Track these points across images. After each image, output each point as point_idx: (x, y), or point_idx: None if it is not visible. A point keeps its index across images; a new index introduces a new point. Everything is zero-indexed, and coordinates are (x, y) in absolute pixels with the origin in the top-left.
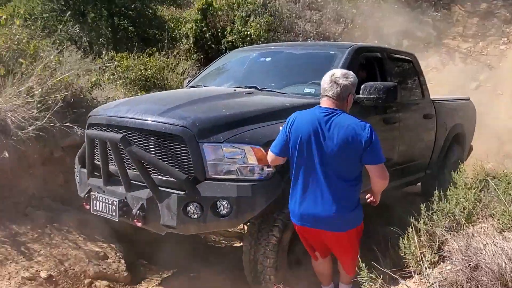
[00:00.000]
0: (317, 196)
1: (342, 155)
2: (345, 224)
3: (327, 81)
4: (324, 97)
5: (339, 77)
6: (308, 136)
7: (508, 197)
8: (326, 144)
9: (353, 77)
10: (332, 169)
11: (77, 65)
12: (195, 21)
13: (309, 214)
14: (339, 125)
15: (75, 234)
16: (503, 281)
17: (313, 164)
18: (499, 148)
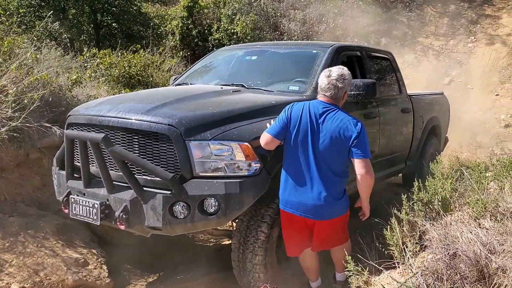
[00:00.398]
0: (308, 185)
1: (333, 147)
2: (332, 213)
3: (325, 82)
4: (321, 94)
5: (336, 79)
6: (305, 127)
7: (481, 186)
8: (320, 136)
9: (348, 77)
10: (323, 160)
11: (57, 63)
12: (181, 18)
13: (299, 202)
14: (333, 119)
15: (52, 241)
16: (479, 268)
17: (307, 154)
18: (472, 139)
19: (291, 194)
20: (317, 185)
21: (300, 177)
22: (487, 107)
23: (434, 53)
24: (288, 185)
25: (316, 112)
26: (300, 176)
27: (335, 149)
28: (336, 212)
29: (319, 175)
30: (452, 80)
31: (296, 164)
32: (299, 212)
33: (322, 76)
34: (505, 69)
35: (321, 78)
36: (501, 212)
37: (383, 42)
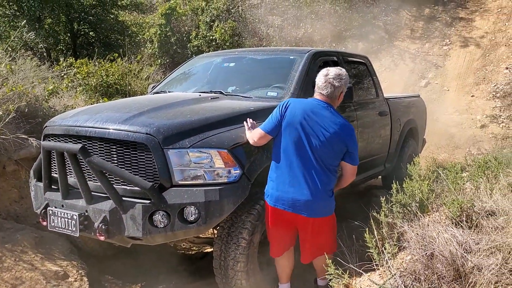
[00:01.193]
0: (302, 181)
1: (329, 146)
2: (322, 210)
3: (322, 80)
4: (318, 93)
5: (333, 78)
6: (301, 124)
7: (457, 187)
8: (317, 133)
9: (345, 77)
10: (319, 156)
11: (33, 73)
12: (159, 26)
13: (292, 198)
14: (331, 119)
15: (31, 254)
16: (455, 267)
17: (302, 150)
18: (449, 140)
19: (283, 191)
20: (312, 181)
21: (294, 174)
22: (463, 108)
23: (411, 56)
24: (280, 182)
25: (313, 109)
26: (294, 173)
27: (331, 148)
28: (328, 210)
29: (314, 171)
30: (428, 82)
31: (290, 160)
32: (292, 209)
33: (320, 75)
34: (480, 70)
35: (319, 77)
36: (476, 211)
37: (360, 47)
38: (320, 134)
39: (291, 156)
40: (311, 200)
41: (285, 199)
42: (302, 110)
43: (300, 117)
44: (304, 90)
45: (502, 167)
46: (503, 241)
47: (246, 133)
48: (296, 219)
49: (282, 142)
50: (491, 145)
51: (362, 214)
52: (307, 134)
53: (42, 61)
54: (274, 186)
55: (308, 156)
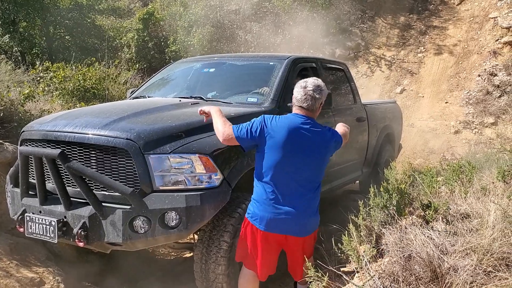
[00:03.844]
0: (293, 201)
1: (318, 162)
2: (313, 227)
3: (301, 93)
4: (297, 107)
5: (313, 90)
6: (289, 142)
7: (433, 190)
8: (307, 152)
9: (324, 88)
10: (308, 175)
11: (8, 77)
12: (136, 31)
13: (282, 219)
14: (317, 132)
15: (6, 261)
16: (432, 268)
17: (291, 169)
18: (424, 145)
19: (275, 213)
20: (303, 200)
21: (285, 194)
22: (438, 114)
23: (386, 63)
24: (271, 203)
25: (300, 126)
26: (285, 193)
27: (322, 159)
28: (316, 225)
29: (304, 190)
30: (404, 89)
31: (279, 180)
32: (285, 231)
33: (298, 87)
34: (453, 77)
35: (297, 89)
36: (451, 214)
37: (337, 53)
38: (309, 151)
39: (280, 176)
40: (305, 220)
41: (278, 221)
42: (287, 128)
43: (286, 136)
44: (284, 96)
45: (476, 172)
46: (477, 243)
47: (218, 126)
48: (286, 241)
49: (268, 162)
50: (464, 150)
51: (341, 218)
52: (295, 153)
53: (17, 65)
54: (263, 208)
55: (298, 175)
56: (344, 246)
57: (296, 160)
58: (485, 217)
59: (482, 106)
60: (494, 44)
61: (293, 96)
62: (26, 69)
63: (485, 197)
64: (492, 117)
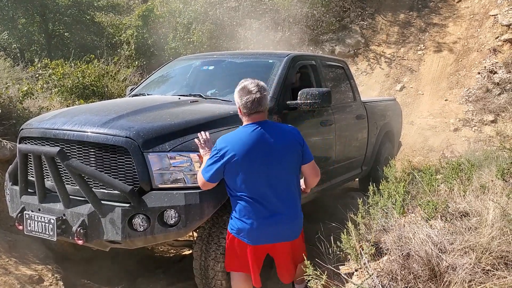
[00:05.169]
0: (279, 208)
1: (289, 159)
2: (300, 229)
3: (248, 99)
4: (248, 115)
5: (254, 92)
6: (254, 155)
7: (432, 188)
8: (275, 155)
9: (261, 83)
10: (283, 177)
11: (6, 74)
12: (136, 28)
13: (272, 230)
14: (278, 134)
15: (5, 258)
16: (430, 266)
17: (267, 178)
18: (424, 142)
19: (265, 224)
20: (288, 204)
21: (270, 203)
22: (437, 112)
23: (386, 60)
24: (258, 217)
25: (260, 135)
26: (269, 203)
27: (291, 159)
28: (300, 226)
29: (286, 195)
30: (403, 86)
31: (260, 192)
32: (274, 240)
33: (241, 95)
34: (453, 75)
35: (241, 97)
36: (450, 212)
37: (337, 50)
38: (277, 155)
39: (258, 187)
40: (292, 223)
41: (268, 232)
42: (248, 143)
43: (250, 151)
44: (283, 93)
45: (475, 170)
46: (476, 241)
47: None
48: (274, 248)
49: (241, 178)
50: (464, 148)
51: (340, 216)
52: (266, 163)
53: (16, 62)
54: (249, 222)
55: (276, 182)
56: (343, 245)
57: (269, 169)
58: (484, 216)
59: (481, 104)
60: (494, 42)
61: (239, 107)
62: (25, 66)
63: (484, 195)
64: (492, 115)
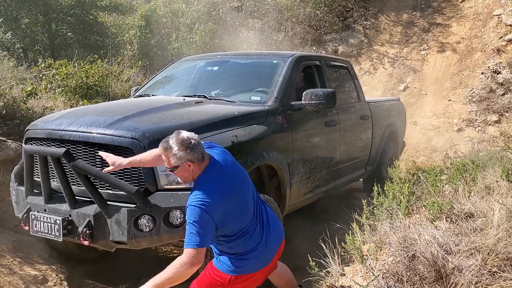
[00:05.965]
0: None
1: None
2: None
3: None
4: (201, 164)
5: (191, 136)
6: (234, 197)
7: (437, 189)
8: (242, 186)
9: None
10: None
11: (10, 74)
12: (138, 28)
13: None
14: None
15: (9, 258)
16: (436, 268)
17: (246, 204)
18: (427, 143)
19: (267, 248)
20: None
21: (261, 233)
22: (441, 112)
23: (390, 60)
24: (260, 247)
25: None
26: (264, 229)
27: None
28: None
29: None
30: (407, 86)
31: (251, 228)
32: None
33: (185, 148)
34: (456, 75)
35: (187, 149)
36: (455, 213)
37: (340, 50)
38: (244, 185)
39: (247, 222)
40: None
41: (269, 255)
42: (221, 192)
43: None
44: (287, 94)
45: (479, 170)
46: (482, 243)
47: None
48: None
49: (237, 220)
50: (467, 148)
51: (344, 217)
52: (240, 200)
53: (19, 62)
54: (255, 256)
55: (252, 201)
56: (348, 245)
57: (245, 201)
58: (489, 217)
59: (485, 104)
60: (498, 42)
61: (189, 162)
62: (29, 66)
63: (489, 196)
64: (496, 115)
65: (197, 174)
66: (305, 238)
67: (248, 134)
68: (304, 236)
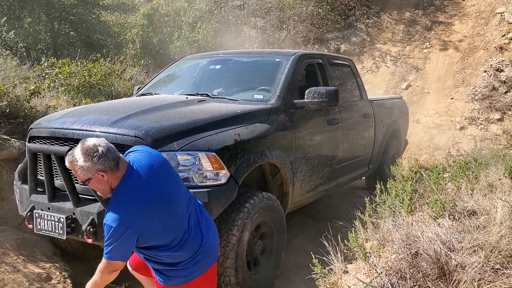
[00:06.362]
0: (206, 231)
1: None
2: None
3: (103, 152)
4: (115, 172)
5: (98, 143)
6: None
7: (439, 187)
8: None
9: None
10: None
11: (13, 73)
12: (141, 26)
13: (211, 252)
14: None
15: (13, 256)
16: (439, 265)
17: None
18: (430, 141)
19: (202, 258)
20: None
21: (196, 236)
22: (443, 110)
23: (392, 58)
24: (198, 252)
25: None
26: (194, 236)
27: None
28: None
29: (199, 214)
30: (409, 84)
31: (187, 235)
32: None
33: (91, 157)
34: (459, 73)
35: (93, 159)
36: (458, 211)
37: (342, 49)
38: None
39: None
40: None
41: (208, 260)
42: (139, 200)
43: (149, 204)
44: (290, 92)
45: (482, 168)
46: (485, 240)
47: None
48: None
49: (167, 229)
50: (470, 146)
51: (346, 215)
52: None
53: (22, 61)
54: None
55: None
56: (351, 243)
57: (175, 210)
58: (492, 214)
59: (488, 102)
60: (500, 40)
61: (102, 173)
62: (32, 65)
63: (492, 193)
64: (498, 113)
65: (115, 183)
66: (308, 236)
67: (250, 133)
68: (307, 234)
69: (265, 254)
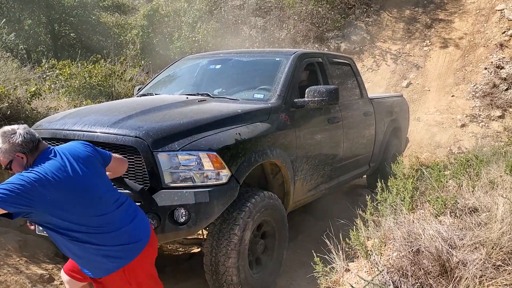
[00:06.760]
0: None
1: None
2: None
3: (21, 135)
4: (38, 144)
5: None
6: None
7: (440, 184)
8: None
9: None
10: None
11: (14, 75)
12: (141, 27)
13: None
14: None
15: (15, 258)
16: (441, 262)
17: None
18: (431, 139)
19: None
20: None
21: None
22: (444, 108)
23: (392, 57)
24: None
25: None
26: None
27: (98, 172)
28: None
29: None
30: (410, 82)
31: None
32: (141, 248)
33: (8, 139)
34: (459, 71)
35: (10, 140)
36: (459, 208)
37: (342, 47)
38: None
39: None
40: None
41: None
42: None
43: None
44: (290, 91)
45: (483, 165)
46: (486, 237)
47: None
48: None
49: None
50: (471, 144)
51: (348, 213)
52: (83, 187)
53: (23, 63)
54: (109, 249)
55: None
56: (352, 241)
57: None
58: (493, 211)
59: (488, 99)
60: (500, 37)
61: (17, 155)
62: (32, 67)
63: (493, 190)
64: (499, 110)
65: (29, 164)
66: (309, 235)
67: (251, 132)
68: (308, 232)
69: (267, 253)
